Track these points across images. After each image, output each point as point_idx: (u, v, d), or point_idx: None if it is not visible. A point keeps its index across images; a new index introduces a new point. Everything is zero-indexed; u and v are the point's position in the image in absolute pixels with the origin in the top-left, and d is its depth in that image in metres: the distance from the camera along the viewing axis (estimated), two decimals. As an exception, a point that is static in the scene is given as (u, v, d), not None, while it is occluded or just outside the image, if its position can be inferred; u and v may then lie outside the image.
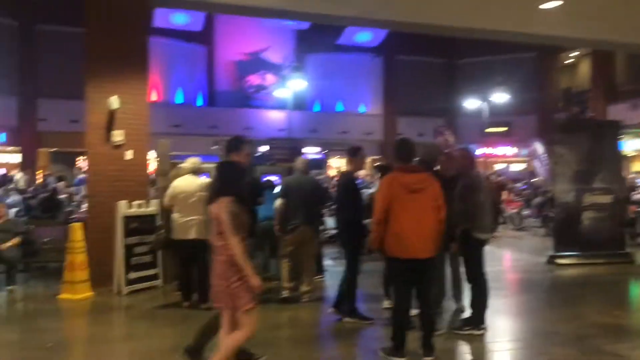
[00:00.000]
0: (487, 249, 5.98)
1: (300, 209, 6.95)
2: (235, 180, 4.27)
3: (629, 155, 20.46)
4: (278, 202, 7.12)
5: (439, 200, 4.86)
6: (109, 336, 5.99)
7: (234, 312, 4.11)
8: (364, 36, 25.86)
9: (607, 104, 21.65)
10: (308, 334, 6.03)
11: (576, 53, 24.16)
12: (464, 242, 5.78)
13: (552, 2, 9.12)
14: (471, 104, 23.28)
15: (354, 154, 6.46)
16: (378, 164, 8.57)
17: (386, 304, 6.76)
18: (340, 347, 5.68)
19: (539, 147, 21.16)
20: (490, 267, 6.03)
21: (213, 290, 4.21)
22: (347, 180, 6.44)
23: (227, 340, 4.11)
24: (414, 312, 5.07)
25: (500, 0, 9.20)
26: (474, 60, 25.55)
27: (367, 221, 10.31)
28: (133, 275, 7.54)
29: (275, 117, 24.52)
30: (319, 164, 20.40)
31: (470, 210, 5.66)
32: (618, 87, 22.24)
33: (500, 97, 20.99)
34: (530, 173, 23.26)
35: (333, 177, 19.52)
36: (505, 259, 11.14)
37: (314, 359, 5.31)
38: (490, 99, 22.07)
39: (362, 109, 27.12)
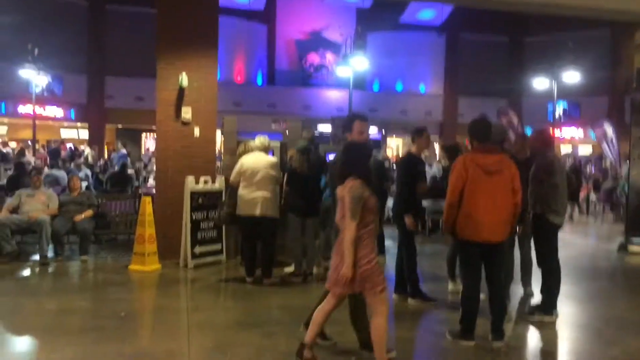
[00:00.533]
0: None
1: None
2: (361, 162, 4.11)
3: None
4: None
5: (516, 183, 4.67)
6: (177, 307, 6.15)
7: (341, 293, 4.07)
8: (427, 14, 25.24)
9: (686, 84, 20.28)
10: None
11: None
12: (538, 226, 5.56)
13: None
14: (538, 83, 22.33)
15: (419, 134, 6.33)
16: (446, 144, 8.36)
17: (451, 286, 6.65)
18: (404, 329, 5.62)
19: (608, 130, 20.13)
20: (558, 253, 5.80)
21: (331, 268, 4.12)
22: (409, 160, 6.28)
23: (374, 332, 4.03)
24: (482, 296, 4.94)
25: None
26: (542, 38, 24.50)
27: (427, 203, 10.22)
28: (199, 249, 7.71)
29: (334, 96, 24.42)
30: (377, 144, 20.21)
31: (546, 194, 5.44)
32: (699, 66, 20.80)
33: (570, 76, 19.96)
34: (598, 156, 22.24)
35: (390, 158, 19.35)
36: (573, 245, 10.71)
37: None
38: (558, 78, 21.06)
39: (422, 88, 26.61)
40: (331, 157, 8.20)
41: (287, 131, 8.95)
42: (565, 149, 25.29)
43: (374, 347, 4.06)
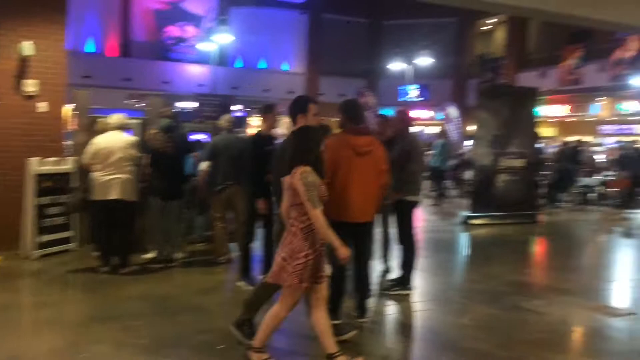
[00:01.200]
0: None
1: (229, 170, 6.70)
2: (313, 148, 3.91)
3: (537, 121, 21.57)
4: (205, 164, 6.85)
5: (383, 165, 4.79)
6: (19, 304, 5.58)
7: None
8: (290, -9, 25.24)
9: (517, 71, 22.61)
10: (237, 299, 5.88)
11: (494, 20, 24.87)
12: (398, 206, 5.81)
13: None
14: (394, 66, 23.53)
15: (268, 111, 6.11)
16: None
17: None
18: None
19: (452, 111, 21.84)
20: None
21: (276, 264, 3.95)
22: (255, 141, 6.04)
23: (268, 317, 3.98)
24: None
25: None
26: (399, 22, 25.70)
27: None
28: (45, 238, 7.03)
29: (195, 71, 23.59)
30: (240, 123, 19.92)
31: (406, 177, 5.68)
32: (529, 54, 23.27)
33: (423, 60, 21.33)
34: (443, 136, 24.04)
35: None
36: (420, 220, 11.47)
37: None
38: (413, 62, 22.36)
39: (285, 66, 26.67)
40: (195, 136, 7.89)
41: (148, 108, 8.41)
42: (416, 130, 27.00)
43: (259, 330, 4.06)
